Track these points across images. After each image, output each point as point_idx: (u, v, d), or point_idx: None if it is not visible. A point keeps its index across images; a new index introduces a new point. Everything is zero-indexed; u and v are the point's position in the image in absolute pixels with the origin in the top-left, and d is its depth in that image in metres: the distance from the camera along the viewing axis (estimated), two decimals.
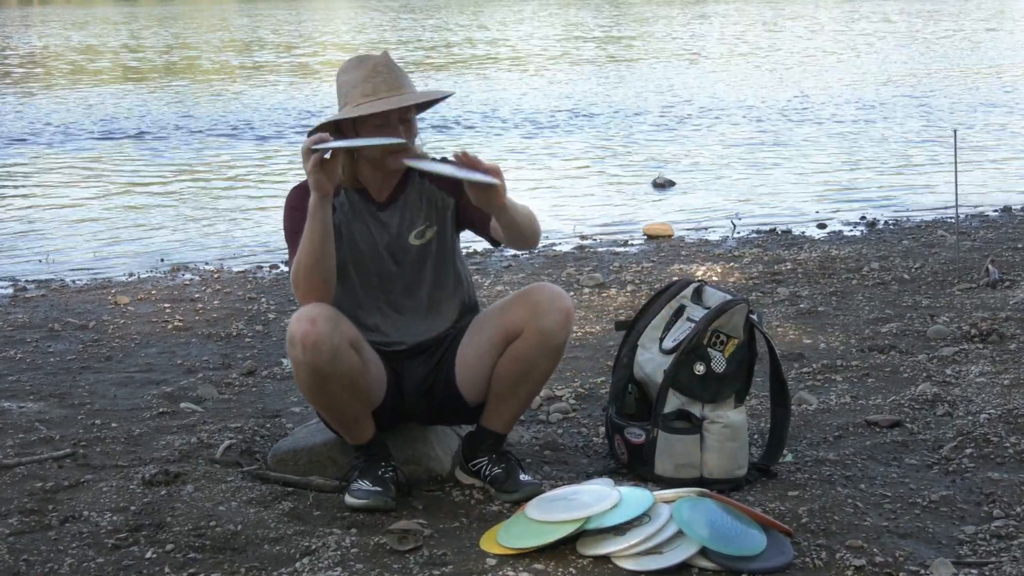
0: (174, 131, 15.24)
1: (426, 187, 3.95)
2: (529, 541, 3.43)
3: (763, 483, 3.96)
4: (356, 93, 3.78)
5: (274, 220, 9.96)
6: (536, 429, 4.59)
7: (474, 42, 30.25)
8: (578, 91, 18.96)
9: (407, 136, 3.81)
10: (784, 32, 32.28)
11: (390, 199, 3.94)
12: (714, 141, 14.02)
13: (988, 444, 4.23)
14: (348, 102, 3.80)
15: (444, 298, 3.98)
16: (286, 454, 4.14)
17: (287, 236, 3.85)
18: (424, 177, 3.94)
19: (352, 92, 3.79)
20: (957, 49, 25.50)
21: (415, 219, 3.93)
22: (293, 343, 3.66)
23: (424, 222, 3.93)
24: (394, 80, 3.79)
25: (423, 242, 3.93)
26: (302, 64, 25.43)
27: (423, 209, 3.94)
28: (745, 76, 20.91)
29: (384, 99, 3.75)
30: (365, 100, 3.76)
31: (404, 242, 3.91)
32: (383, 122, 3.77)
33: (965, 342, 5.60)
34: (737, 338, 3.95)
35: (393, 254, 3.92)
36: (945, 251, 7.84)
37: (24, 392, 5.22)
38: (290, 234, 3.83)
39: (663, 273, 7.49)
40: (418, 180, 3.95)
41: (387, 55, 3.87)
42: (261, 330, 6.34)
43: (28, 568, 3.40)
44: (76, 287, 7.67)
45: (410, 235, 3.92)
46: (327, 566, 3.36)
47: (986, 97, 17.50)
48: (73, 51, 29.55)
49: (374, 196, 3.93)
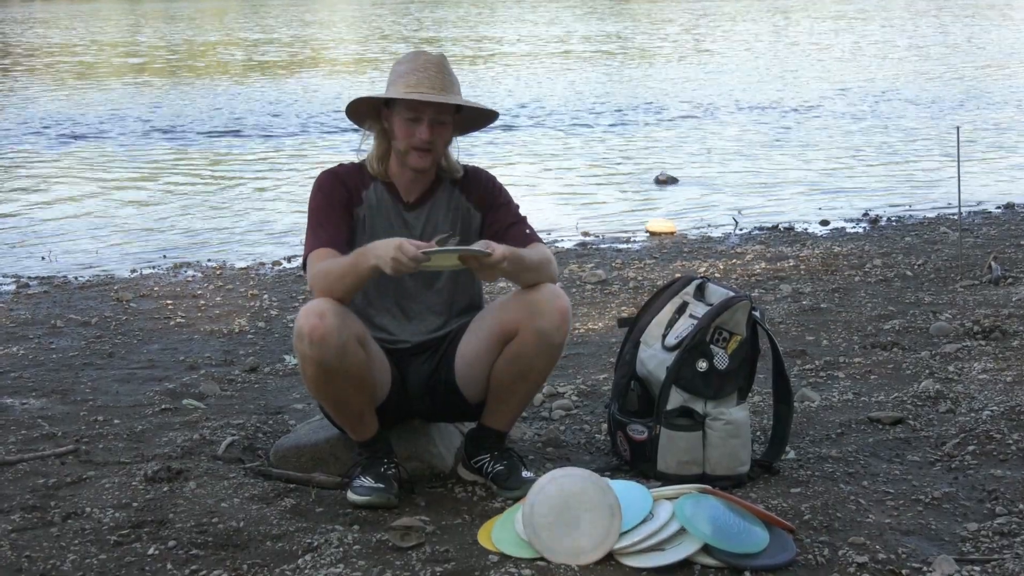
0: (178, 127, 15.24)
1: (455, 195, 3.96)
2: (520, 551, 3.40)
3: (765, 480, 3.96)
4: (400, 83, 3.82)
5: (277, 217, 9.98)
6: (538, 426, 4.59)
7: (475, 40, 30.23)
8: (581, 88, 18.95)
9: (438, 141, 3.83)
10: (787, 30, 32.25)
11: (418, 201, 3.95)
12: (717, 138, 14.02)
13: (991, 441, 4.23)
14: (391, 90, 3.84)
15: (454, 305, 3.99)
16: (288, 451, 4.14)
17: (311, 219, 3.86)
18: (456, 186, 3.95)
19: (397, 81, 3.84)
20: (960, 45, 25.48)
21: (440, 225, 3.93)
22: (301, 337, 3.66)
23: (449, 230, 3.93)
24: (439, 81, 3.81)
25: None
26: (305, 61, 25.43)
27: (450, 217, 3.95)
28: (747, 73, 20.90)
29: (422, 95, 3.78)
30: (406, 92, 3.79)
31: None
32: (415, 116, 3.80)
33: (968, 339, 5.59)
34: (740, 335, 3.94)
35: None
36: (948, 248, 7.83)
37: (27, 388, 5.22)
38: (314, 217, 3.85)
39: (665, 270, 7.49)
40: (449, 187, 3.96)
41: (442, 56, 3.90)
42: (263, 327, 6.35)
43: (30, 564, 3.41)
44: (78, 283, 7.67)
45: (432, 240, 3.91)
46: (329, 563, 3.36)
47: (989, 94, 17.48)
48: (76, 48, 29.56)
49: (403, 195, 3.94)
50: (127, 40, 32.75)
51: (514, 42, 29.00)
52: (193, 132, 14.91)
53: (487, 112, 3.99)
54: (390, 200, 3.92)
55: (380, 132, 3.92)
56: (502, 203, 3.95)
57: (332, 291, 3.69)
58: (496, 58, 24.88)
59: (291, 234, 9.19)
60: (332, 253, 3.76)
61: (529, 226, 3.94)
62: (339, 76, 21.69)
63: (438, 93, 3.80)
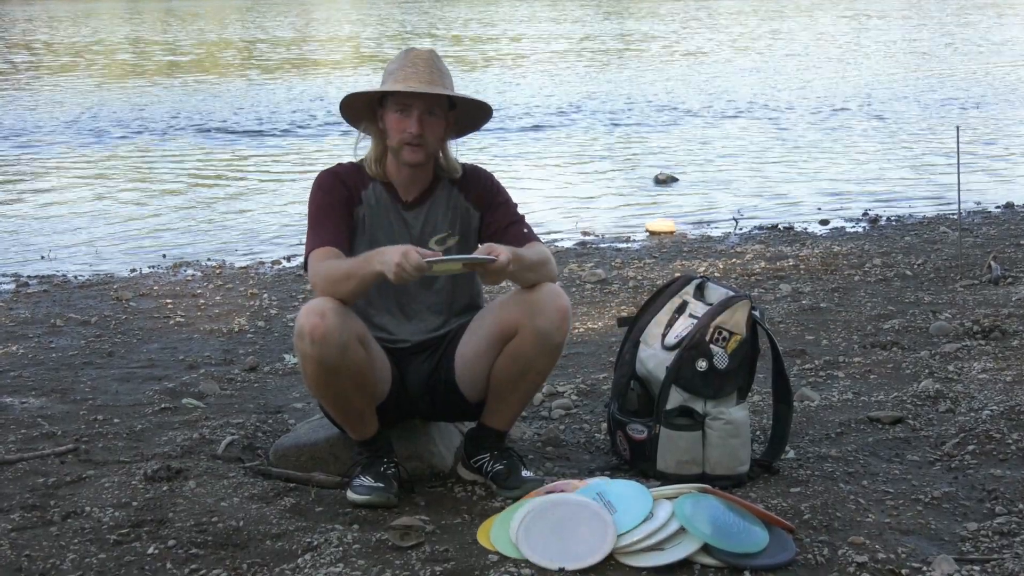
0: (177, 127, 15.24)
1: (455, 195, 3.96)
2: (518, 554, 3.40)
3: (765, 479, 3.95)
4: (390, 80, 3.84)
5: (276, 216, 9.97)
6: (538, 425, 4.59)
7: (476, 39, 30.23)
8: (580, 87, 18.95)
9: (429, 135, 3.82)
10: (787, 30, 32.25)
11: (417, 200, 3.94)
12: (717, 138, 14.02)
13: (990, 441, 4.23)
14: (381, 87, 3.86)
15: (454, 304, 3.99)
16: (288, 450, 4.13)
17: (311, 218, 3.86)
18: (455, 185, 3.95)
19: (387, 79, 3.86)
20: (960, 45, 25.47)
21: (439, 225, 3.94)
22: (302, 336, 3.66)
23: (447, 229, 3.93)
24: (428, 75, 3.81)
25: (443, 249, 3.92)
26: (305, 61, 25.42)
27: (448, 216, 3.95)
28: (747, 73, 20.89)
29: (409, 87, 3.79)
30: (394, 86, 3.80)
31: (424, 246, 3.87)
32: (403, 109, 3.81)
33: (967, 338, 5.59)
34: (740, 334, 3.94)
35: None
36: (947, 247, 7.83)
37: (26, 388, 5.22)
38: (314, 216, 3.85)
39: (665, 269, 7.49)
40: (448, 186, 3.96)
41: (432, 51, 3.90)
42: (263, 326, 6.35)
43: (30, 563, 3.40)
44: (78, 283, 7.67)
45: (431, 240, 3.92)
46: (329, 562, 3.35)
47: (989, 93, 17.48)
48: (76, 47, 29.55)
49: (401, 195, 3.94)
50: (127, 40, 32.74)
51: (514, 41, 29.00)
52: (193, 131, 14.91)
53: (480, 106, 3.97)
54: (389, 200, 3.92)
55: (376, 133, 3.92)
56: (501, 202, 3.95)
57: (335, 293, 3.69)
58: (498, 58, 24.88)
59: (290, 233, 9.19)
60: (333, 252, 3.76)
61: (527, 225, 3.94)
62: (340, 76, 21.69)
63: (426, 86, 3.80)
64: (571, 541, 3.37)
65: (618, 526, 3.39)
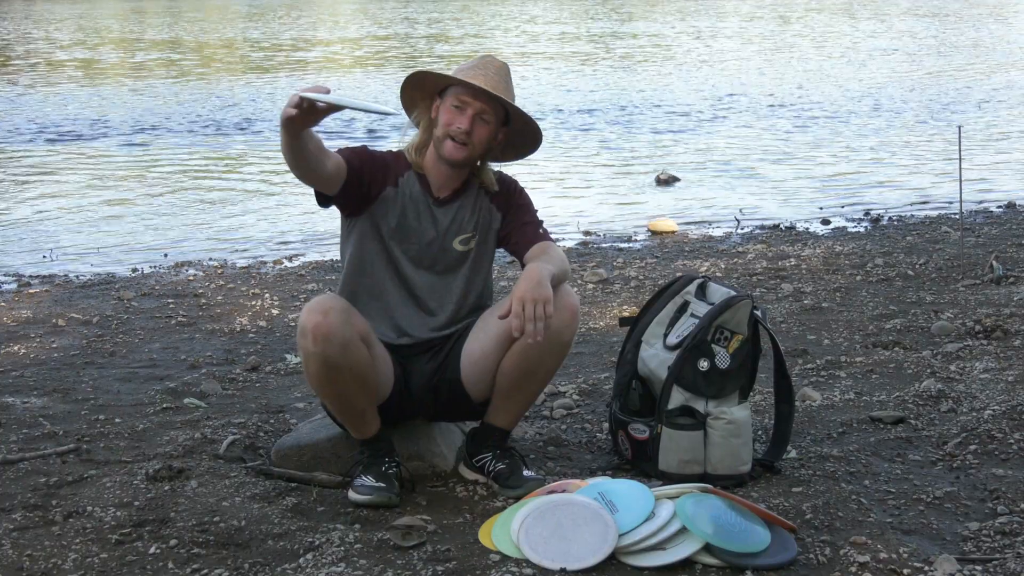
0: (179, 127, 15.24)
1: (482, 197, 3.99)
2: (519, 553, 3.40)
3: (767, 479, 3.96)
4: (459, 75, 3.87)
5: (278, 216, 9.97)
6: (540, 425, 4.59)
7: (476, 39, 30.23)
8: (581, 87, 18.95)
9: (475, 138, 3.84)
10: (788, 30, 32.25)
11: (448, 199, 3.97)
12: (718, 137, 14.02)
13: (992, 440, 4.23)
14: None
15: (465, 304, 4.00)
16: (290, 450, 4.14)
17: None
18: (482, 189, 3.97)
19: (457, 74, 3.90)
20: (961, 45, 25.46)
21: (464, 225, 3.97)
22: (304, 334, 3.67)
23: (472, 230, 3.97)
24: (494, 81, 3.86)
25: (465, 249, 3.97)
26: (306, 60, 25.42)
27: (474, 218, 3.98)
28: (748, 73, 20.89)
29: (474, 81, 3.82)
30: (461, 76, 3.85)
31: (448, 243, 3.95)
32: (460, 105, 3.84)
33: (969, 338, 5.59)
34: (741, 334, 3.94)
35: (433, 253, 3.94)
36: (949, 247, 7.83)
37: (28, 387, 5.22)
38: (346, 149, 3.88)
39: (667, 269, 7.49)
40: (476, 189, 3.99)
41: (507, 65, 3.97)
42: (264, 326, 6.35)
43: (32, 563, 3.41)
44: (80, 282, 7.67)
45: (456, 239, 3.95)
46: (331, 562, 3.36)
47: (991, 93, 17.48)
48: (76, 46, 29.56)
49: (434, 190, 3.96)
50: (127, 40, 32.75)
51: (514, 40, 29.00)
52: (195, 130, 14.91)
53: (532, 130, 3.98)
54: (420, 192, 3.95)
55: (426, 123, 3.93)
56: (521, 204, 4.01)
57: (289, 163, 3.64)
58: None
59: (293, 233, 9.19)
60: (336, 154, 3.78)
61: (543, 227, 3.99)
62: (340, 76, 21.68)
63: (490, 88, 3.83)
64: (573, 541, 3.37)
65: (620, 526, 3.39)
